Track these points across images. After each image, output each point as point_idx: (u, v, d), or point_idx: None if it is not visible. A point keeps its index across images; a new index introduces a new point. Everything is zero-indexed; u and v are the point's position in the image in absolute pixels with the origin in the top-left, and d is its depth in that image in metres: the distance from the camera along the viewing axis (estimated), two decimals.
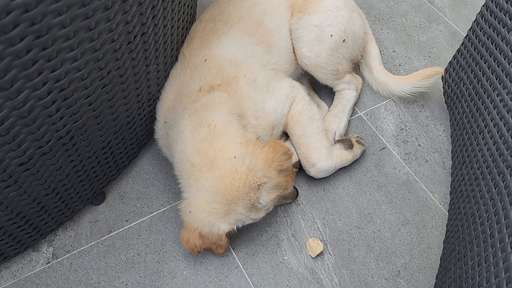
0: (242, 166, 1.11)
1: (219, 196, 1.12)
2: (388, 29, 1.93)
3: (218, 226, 1.15)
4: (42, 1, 0.72)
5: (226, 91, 1.25)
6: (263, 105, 1.32)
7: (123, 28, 0.97)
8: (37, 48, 0.77)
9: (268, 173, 1.12)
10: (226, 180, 1.11)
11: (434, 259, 1.34)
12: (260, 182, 1.11)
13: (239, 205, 1.13)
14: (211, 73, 1.28)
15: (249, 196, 1.12)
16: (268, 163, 1.12)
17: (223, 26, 1.39)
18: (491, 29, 1.25)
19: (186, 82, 1.30)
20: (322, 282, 1.29)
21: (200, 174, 1.14)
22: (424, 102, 1.69)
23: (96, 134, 1.15)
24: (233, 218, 1.15)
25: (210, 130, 1.16)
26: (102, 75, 1.00)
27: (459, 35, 1.91)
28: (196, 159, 1.15)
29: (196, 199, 1.14)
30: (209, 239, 1.17)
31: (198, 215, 1.14)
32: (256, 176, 1.11)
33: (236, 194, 1.11)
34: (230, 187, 1.11)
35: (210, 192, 1.12)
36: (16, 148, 0.92)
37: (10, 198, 1.04)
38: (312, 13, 1.47)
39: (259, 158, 1.12)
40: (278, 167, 1.13)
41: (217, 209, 1.13)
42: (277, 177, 1.14)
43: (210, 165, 1.13)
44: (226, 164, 1.12)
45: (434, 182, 1.49)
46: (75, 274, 1.29)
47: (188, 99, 1.24)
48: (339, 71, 1.56)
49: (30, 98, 0.84)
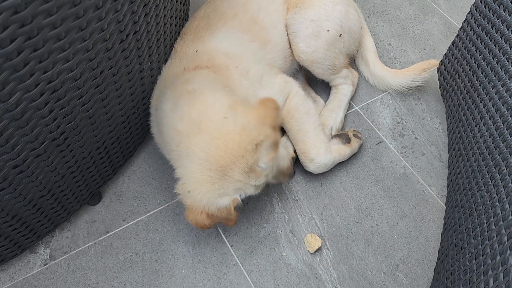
0: (234, 126, 1.03)
1: (212, 163, 1.03)
2: (383, 22, 1.92)
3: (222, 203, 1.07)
4: (32, 1, 0.71)
5: (213, 72, 1.20)
6: (254, 95, 1.26)
7: (115, 27, 0.96)
8: (28, 50, 0.76)
9: (264, 131, 1.04)
10: (217, 143, 1.02)
11: (432, 252, 1.35)
12: (257, 141, 1.04)
13: (235, 170, 1.04)
14: (201, 60, 1.24)
15: (246, 159, 1.03)
16: (261, 120, 1.05)
17: (217, 22, 1.38)
18: (485, 21, 1.24)
19: (172, 67, 1.28)
20: (321, 278, 1.29)
21: (188, 140, 1.05)
22: (420, 95, 1.69)
23: (91, 134, 1.14)
24: (232, 187, 1.06)
25: (189, 96, 1.10)
26: (95, 75, 1.00)
27: (454, 27, 1.91)
28: (181, 125, 1.07)
29: (190, 171, 1.06)
30: (217, 217, 1.10)
31: (197, 193, 1.06)
32: (251, 135, 1.03)
33: (231, 158, 1.02)
34: (223, 151, 1.02)
35: (202, 160, 1.03)
36: (10, 150, 0.91)
37: (5, 201, 1.03)
38: (309, 8, 1.46)
39: (252, 116, 1.04)
40: (272, 123, 1.06)
41: (213, 177, 1.04)
42: (273, 134, 1.06)
43: (197, 130, 1.05)
44: (215, 126, 1.04)
45: (431, 175, 1.50)
46: (73, 275, 1.29)
47: (173, 79, 1.22)
48: (336, 66, 1.55)
49: (23, 100, 0.83)
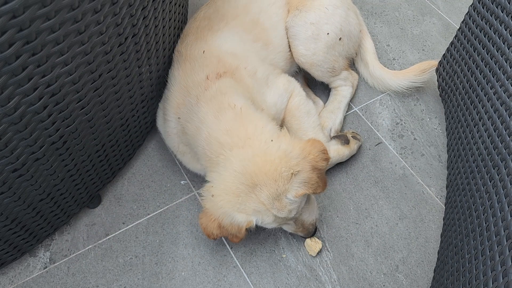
0: (277, 150, 1.07)
1: (246, 177, 1.06)
2: (381, 23, 1.93)
3: (237, 218, 1.09)
4: (30, 6, 0.71)
5: (233, 78, 1.23)
6: (264, 98, 1.31)
7: (113, 30, 0.96)
8: (27, 54, 0.77)
9: (303, 164, 1.07)
10: (257, 161, 1.06)
11: (432, 253, 1.35)
12: (293, 171, 1.06)
13: (263, 191, 1.06)
14: (213, 63, 1.26)
15: (277, 184, 1.06)
16: (304, 154, 1.07)
17: (218, 22, 1.38)
18: (483, 21, 1.25)
19: (188, 74, 1.27)
20: (321, 279, 1.29)
21: (230, 152, 1.09)
22: (419, 95, 1.69)
23: (90, 137, 1.14)
24: (253, 207, 1.08)
25: (236, 111, 1.13)
26: (94, 78, 1.00)
27: (452, 27, 1.91)
28: (226, 138, 1.10)
29: (222, 179, 1.09)
30: (227, 230, 1.12)
31: (220, 199, 1.08)
32: (290, 163, 1.06)
33: (264, 178, 1.05)
34: (260, 169, 1.05)
35: (237, 172, 1.07)
36: (9, 154, 0.91)
37: (5, 205, 1.03)
38: (309, 11, 1.47)
39: (296, 147, 1.08)
40: (313, 162, 1.08)
41: (241, 190, 1.07)
42: (310, 172, 1.08)
43: (242, 144, 1.08)
44: (260, 145, 1.07)
45: (430, 176, 1.50)
46: (73, 278, 1.29)
47: (198, 89, 1.22)
48: (335, 69, 1.55)
49: (21, 104, 0.83)
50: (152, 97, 1.37)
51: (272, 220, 1.12)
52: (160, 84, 1.38)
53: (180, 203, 1.43)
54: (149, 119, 1.44)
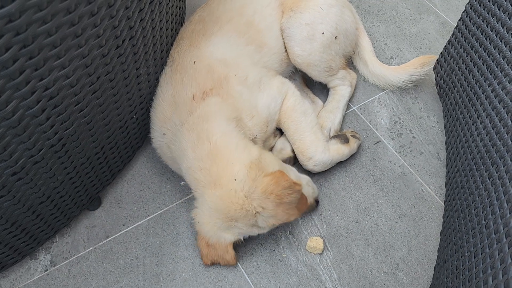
0: (241, 191, 1.12)
1: (219, 213, 1.15)
2: (379, 21, 1.93)
3: (223, 237, 1.20)
4: (26, 10, 0.71)
5: (219, 95, 1.24)
6: (256, 103, 1.32)
7: (110, 33, 0.97)
8: (24, 58, 0.77)
9: (265, 204, 1.11)
10: (225, 201, 1.13)
11: (432, 251, 1.35)
12: (255, 211, 1.12)
13: (239, 223, 1.16)
14: (201, 76, 1.26)
15: (248, 218, 1.14)
16: (266, 195, 1.11)
17: (212, 26, 1.38)
18: (480, 19, 1.25)
19: (178, 89, 1.28)
20: (321, 278, 1.29)
21: (203, 190, 1.17)
22: (417, 94, 1.69)
23: (89, 140, 1.14)
24: (236, 231, 1.19)
25: (211, 147, 1.17)
26: (92, 81, 1.00)
27: (449, 25, 1.91)
28: (200, 176, 1.17)
29: (202, 211, 1.18)
30: (215, 249, 1.22)
31: (204, 226, 1.19)
32: (252, 204, 1.12)
33: (235, 214, 1.13)
34: (229, 207, 1.13)
35: (211, 209, 1.16)
36: (8, 158, 0.92)
37: (5, 208, 1.03)
38: (303, 12, 1.47)
39: (258, 187, 1.11)
40: (276, 200, 1.11)
41: (219, 224, 1.17)
42: (275, 210, 1.12)
43: (213, 184, 1.15)
44: (227, 185, 1.13)
45: (429, 174, 1.50)
46: (73, 281, 1.29)
47: (183, 110, 1.23)
48: (332, 68, 1.55)
49: (19, 107, 0.84)
50: (151, 98, 1.37)
51: (257, 232, 1.22)
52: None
53: (180, 204, 1.43)
54: (148, 121, 1.44)
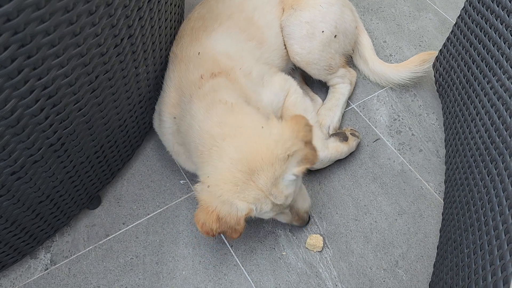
0: (270, 134, 1.07)
1: (243, 164, 1.05)
2: (378, 19, 1.92)
3: (236, 206, 1.07)
4: (24, 9, 0.71)
5: (227, 78, 1.23)
6: (260, 98, 1.32)
7: (109, 31, 0.97)
8: (22, 57, 0.77)
9: (297, 143, 1.08)
10: (253, 146, 1.06)
11: (431, 248, 1.35)
12: (290, 152, 1.07)
13: (261, 177, 1.05)
14: (208, 64, 1.26)
15: (274, 168, 1.06)
16: (295, 133, 1.08)
17: (212, 23, 1.38)
18: (479, 16, 1.25)
19: (183, 74, 1.27)
20: (321, 276, 1.30)
21: (222, 142, 1.09)
22: (416, 91, 1.69)
23: (88, 139, 1.14)
24: (252, 195, 1.07)
25: (227, 106, 1.14)
26: (91, 80, 1.00)
27: (448, 22, 1.91)
28: (217, 130, 1.11)
29: (217, 169, 1.08)
30: (226, 222, 1.08)
31: (217, 189, 1.07)
32: (286, 145, 1.06)
33: (261, 163, 1.05)
34: (256, 154, 1.05)
35: (233, 159, 1.06)
36: (7, 157, 0.92)
37: (4, 207, 1.03)
38: (304, 10, 1.47)
39: (286, 129, 1.09)
40: (304, 138, 1.10)
41: (238, 178, 1.06)
42: (305, 148, 1.10)
43: (234, 133, 1.09)
44: (252, 132, 1.09)
45: (428, 171, 1.50)
46: (74, 280, 1.29)
47: (192, 88, 1.22)
48: (332, 66, 1.55)
49: (18, 107, 0.84)
50: (150, 97, 1.37)
51: (270, 208, 1.11)
52: (157, 85, 1.39)
53: (180, 202, 1.43)
54: (147, 120, 1.45)
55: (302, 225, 1.29)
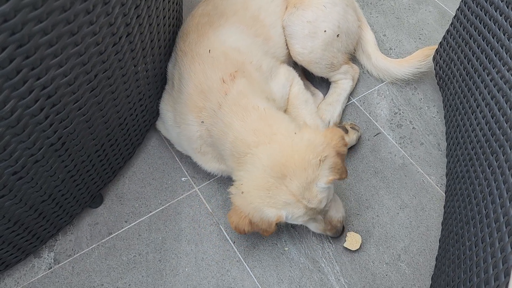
0: (302, 140, 1.11)
1: (275, 170, 1.09)
2: (377, 13, 1.92)
3: (267, 214, 1.12)
4: (21, 9, 0.71)
5: (245, 77, 1.25)
6: (271, 90, 1.34)
7: (107, 30, 0.97)
8: (20, 57, 0.77)
9: (328, 150, 1.11)
10: (285, 152, 1.10)
11: (433, 241, 1.35)
12: (321, 157, 1.09)
13: (293, 182, 1.08)
14: (221, 63, 1.26)
15: (307, 173, 1.09)
16: (327, 140, 1.12)
17: (219, 19, 1.38)
18: (478, 8, 1.24)
19: (201, 77, 1.26)
20: (324, 271, 1.30)
21: (256, 150, 1.13)
22: (417, 84, 1.69)
23: (88, 138, 1.15)
24: (283, 200, 1.10)
25: (260, 112, 1.18)
26: (90, 78, 1.00)
27: (448, 15, 1.90)
28: (252, 138, 1.14)
29: (251, 175, 1.12)
30: (258, 226, 1.15)
31: (250, 195, 1.11)
32: (317, 150, 1.10)
33: (294, 168, 1.08)
34: (288, 160, 1.09)
35: (266, 166, 1.10)
36: (8, 157, 0.92)
37: (6, 207, 1.04)
38: (306, 9, 1.46)
39: (319, 135, 1.13)
40: (336, 147, 1.13)
41: (271, 183, 1.09)
42: (336, 157, 1.13)
43: (268, 141, 1.13)
44: (285, 138, 1.12)
45: (430, 164, 1.50)
46: (77, 278, 1.30)
47: (217, 94, 1.23)
48: (334, 64, 1.55)
49: (18, 107, 0.84)
50: (150, 95, 1.37)
51: (302, 212, 1.13)
52: (157, 82, 1.39)
53: (182, 199, 1.44)
54: (148, 117, 1.45)
55: (336, 235, 1.27)
